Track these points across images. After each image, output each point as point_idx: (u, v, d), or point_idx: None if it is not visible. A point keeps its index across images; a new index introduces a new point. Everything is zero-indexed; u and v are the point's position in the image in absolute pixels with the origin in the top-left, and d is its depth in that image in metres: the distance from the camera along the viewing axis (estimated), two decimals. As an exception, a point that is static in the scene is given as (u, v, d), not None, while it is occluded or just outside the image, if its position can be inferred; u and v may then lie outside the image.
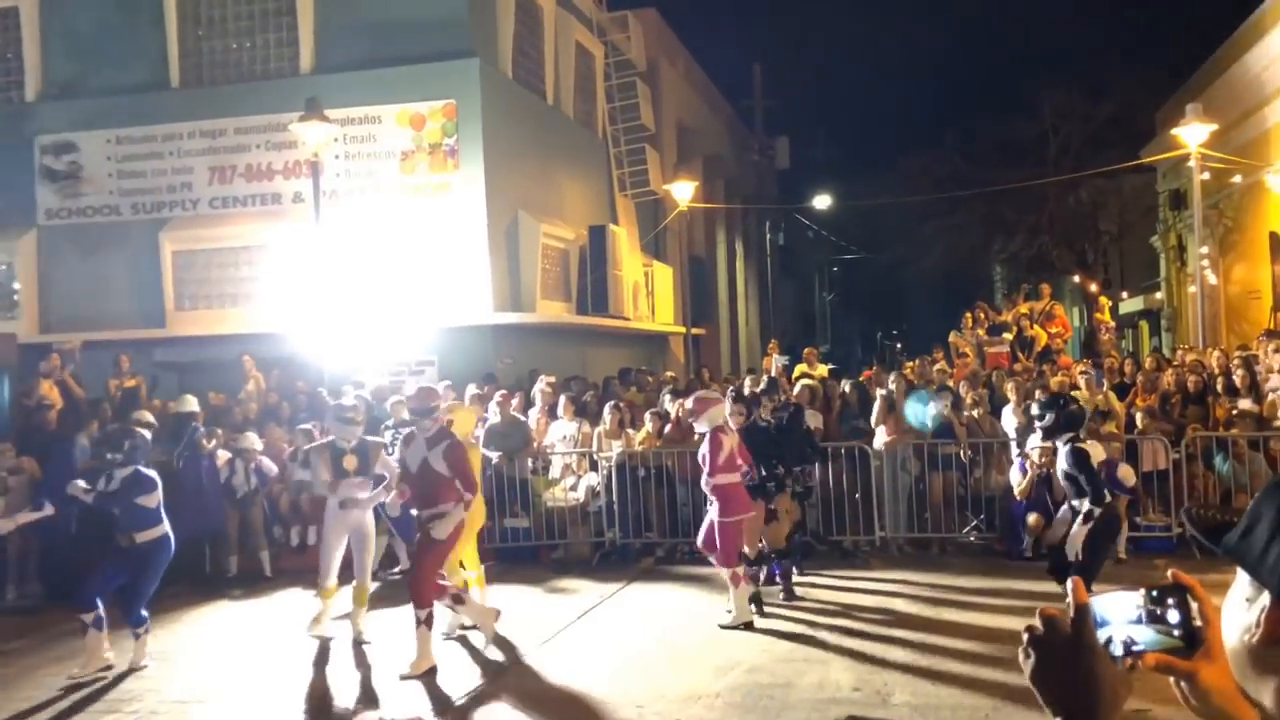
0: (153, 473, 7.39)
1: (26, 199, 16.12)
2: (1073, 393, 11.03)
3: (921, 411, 9.74)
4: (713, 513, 7.97)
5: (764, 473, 8.28)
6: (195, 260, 15.81)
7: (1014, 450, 10.28)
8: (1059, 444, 7.18)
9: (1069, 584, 1.32)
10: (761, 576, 8.54)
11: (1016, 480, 9.86)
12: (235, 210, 15.75)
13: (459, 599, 7.48)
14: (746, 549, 8.18)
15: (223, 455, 10.52)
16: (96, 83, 15.90)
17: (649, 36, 23.54)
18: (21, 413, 11.50)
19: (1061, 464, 7.19)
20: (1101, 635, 1.27)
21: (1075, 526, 7.13)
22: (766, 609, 8.21)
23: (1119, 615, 1.27)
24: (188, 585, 9.63)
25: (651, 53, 23.71)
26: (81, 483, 7.27)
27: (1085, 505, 7.02)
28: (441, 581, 7.35)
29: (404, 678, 6.86)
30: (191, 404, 10.88)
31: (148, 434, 7.97)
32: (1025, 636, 1.31)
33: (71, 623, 7.50)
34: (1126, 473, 9.52)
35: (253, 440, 10.59)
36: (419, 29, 15.06)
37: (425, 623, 7.08)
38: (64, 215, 16.24)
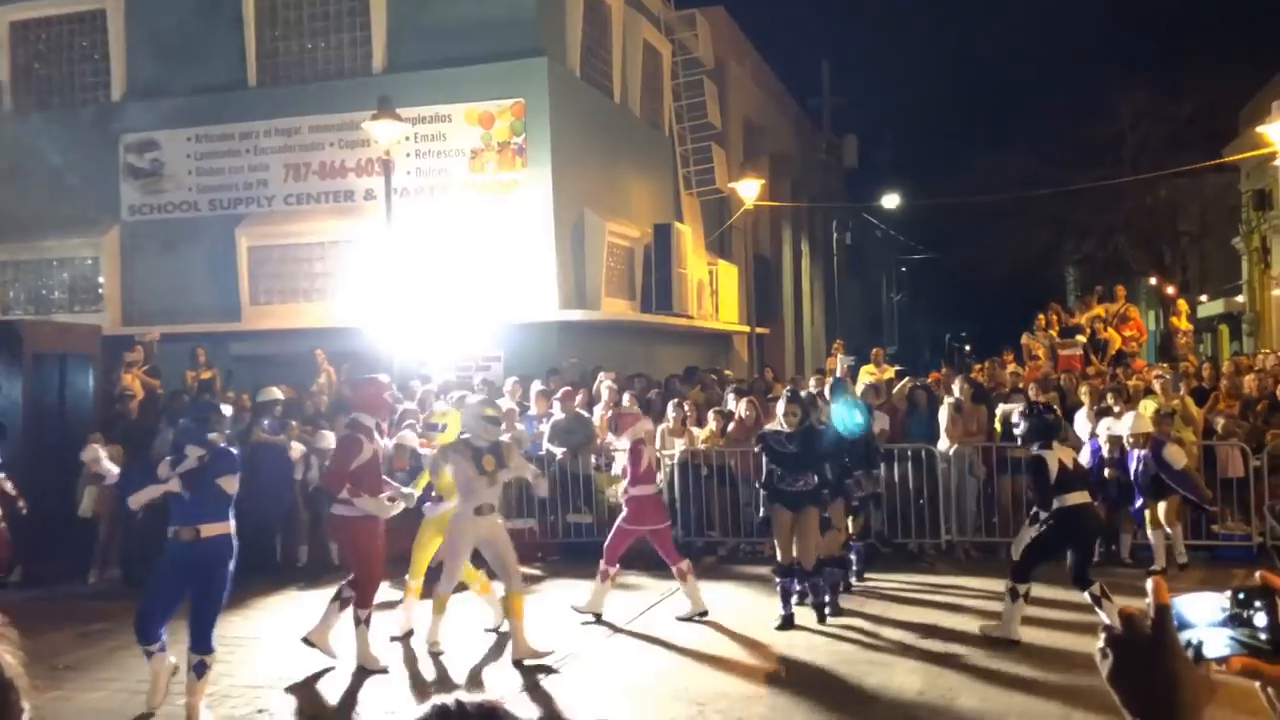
0: (235, 452, 6.80)
1: (111, 196, 16.66)
2: (1147, 397, 10.81)
3: (848, 416, 9.40)
4: (620, 519, 8.33)
5: (817, 479, 7.92)
6: (270, 256, 16.19)
7: (1085, 454, 10.05)
8: (1033, 450, 7.30)
9: (1150, 583, 1.29)
10: (820, 585, 8.08)
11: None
12: (309, 207, 16.09)
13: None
14: (802, 559, 7.82)
15: (297, 448, 10.74)
16: (178, 82, 16.35)
17: (717, 34, 23.50)
18: (105, 402, 11.89)
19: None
20: (1184, 637, 1.23)
21: (1024, 527, 7.46)
22: (838, 608, 8.14)
23: (1202, 617, 1.24)
24: (258, 574, 9.86)
25: (719, 51, 23.66)
26: (167, 461, 6.51)
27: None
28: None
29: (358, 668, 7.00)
30: (275, 393, 11.13)
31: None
32: (1103, 636, 1.28)
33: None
34: (1175, 454, 9.23)
35: (329, 439, 10.70)
36: (489, 29, 15.23)
37: (365, 622, 7.09)
38: (146, 211, 16.75)
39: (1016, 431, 7.54)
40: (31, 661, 1.30)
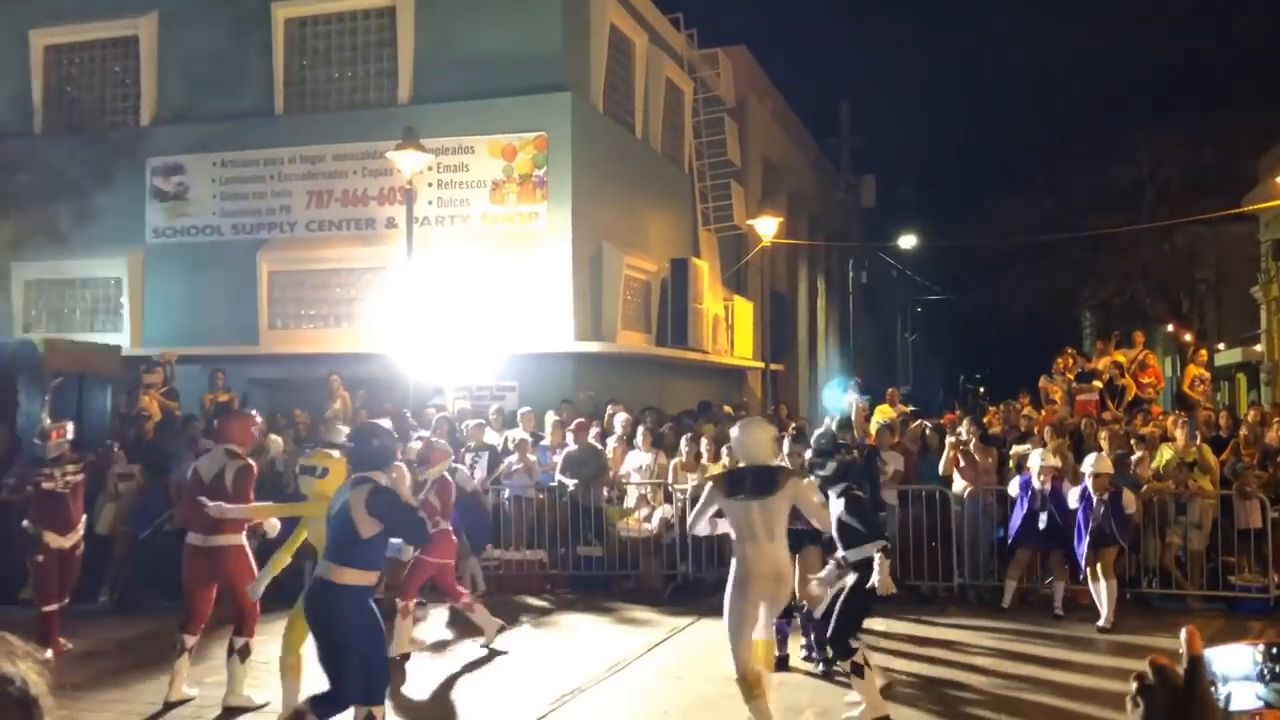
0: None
1: (136, 218, 16.86)
2: (1165, 444, 10.76)
3: (838, 398, 9.18)
4: (423, 551, 8.05)
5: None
6: (290, 281, 16.32)
7: (1014, 487, 9.99)
8: (832, 493, 6.75)
9: (1183, 634, 1.28)
10: (812, 631, 7.77)
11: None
12: (331, 234, 16.24)
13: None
14: (807, 601, 7.59)
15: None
16: (206, 108, 16.60)
17: (738, 73, 23.70)
18: (121, 422, 11.97)
19: (837, 512, 6.64)
20: (1216, 690, 1.23)
21: (814, 584, 6.88)
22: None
23: (1234, 670, 1.23)
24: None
25: (740, 89, 23.85)
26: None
27: (856, 554, 6.56)
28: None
29: (225, 707, 6.67)
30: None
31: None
32: (1134, 685, 1.27)
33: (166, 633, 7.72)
34: (1130, 500, 9.24)
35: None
36: (514, 63, 15.42)
37: (240, 652, 6.83)
38: (169, 234, 16.94)
39: (820, 473, 6.82)
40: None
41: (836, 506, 6.65)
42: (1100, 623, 8.95)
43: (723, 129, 21.69)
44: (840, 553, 6.67)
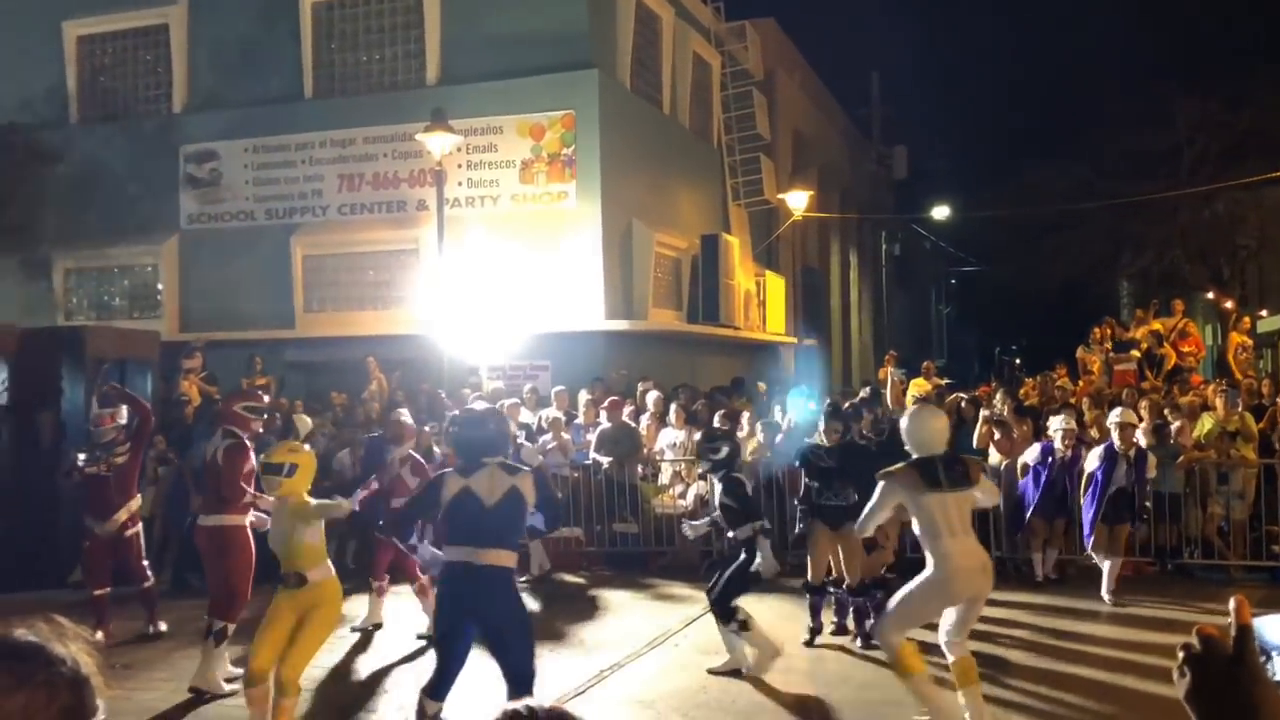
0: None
1: (171, 205, 17.06)
2: (1206, 413, 10.61)
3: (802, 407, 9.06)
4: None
5: (857, 495, 7.47)
6: (324, 264, 16.46)
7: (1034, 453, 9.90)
8: (715, 478, 7.06)
9: (1232, 602, 1.27)
10: (852, 608, 7.84)
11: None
12: (363, 216, 16.34)
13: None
14: (847, 577, 7.66)
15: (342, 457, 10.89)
16: (237, 94, 16.72)
17: (767, 46, 23.49)
18: (163, 407, 12.15)
19: (719, 494, 6.99)
20: (1265, 659, 1.22)
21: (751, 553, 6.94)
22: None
23: None
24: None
25: (769, 62, 23.65)
26: None
27: (741, 533, 6.88)
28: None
29: (191, 689, 6.61)
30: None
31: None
32: (1181, 655, 1.27)
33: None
34: (1152, 463, 9.18)
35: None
36: (540, 41, 15.39)
37: (220, 638, 6.74)
38: (204, 220, 17.12)
39: (714, 458, 6.96)
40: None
41: (718, 489, 6.98)
42: (1105, 595, 8.89)
43: (751, 102, 21.54)
44: (730, 533, 7.02)
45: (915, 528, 5.65)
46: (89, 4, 17.59)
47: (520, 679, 4.90)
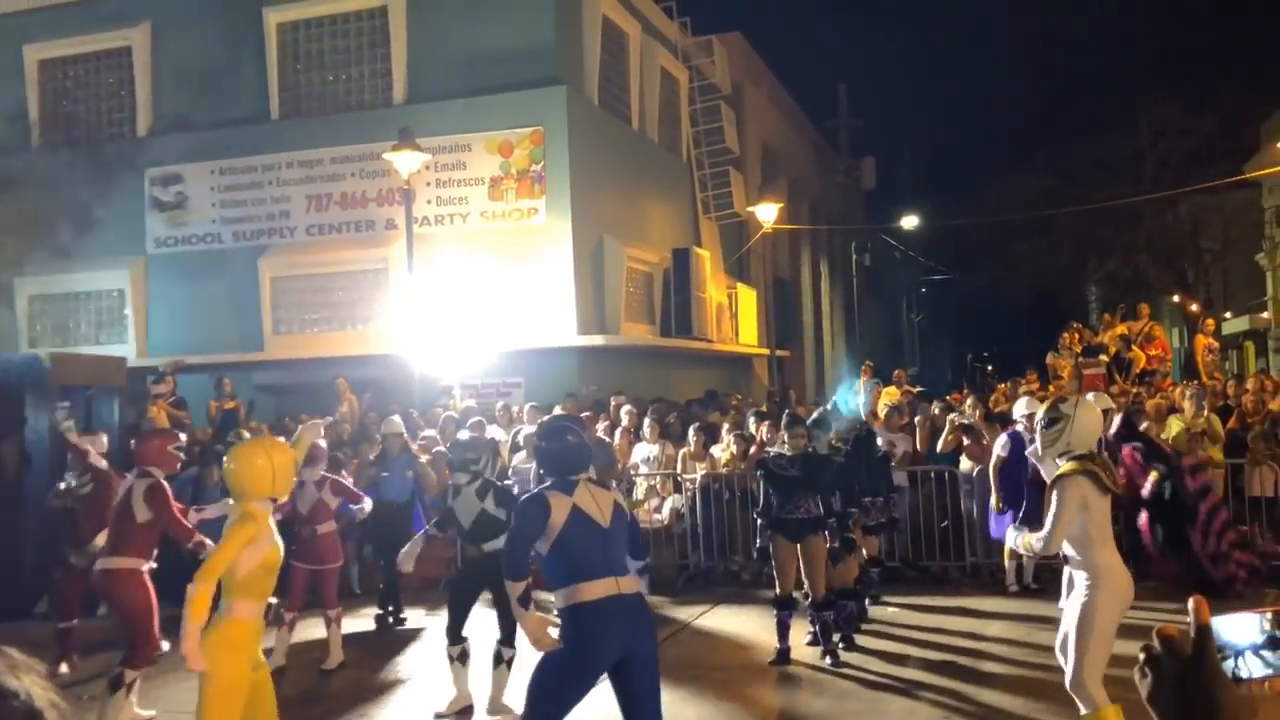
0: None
1: (137, 229, 16.90)
2: (1172, 415, 10.72)
3: (851, 399, 9.00)
4: (298, 557, 7.66)
5: (821, 507, 7.37)
6: (292, 286, 16.35)
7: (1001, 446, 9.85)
8: (474, 488, 6.65)
9: (1191, 603, 1.28)
10: (831, 620, 7.59)
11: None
12: (331, 237, 16.25)
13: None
14: (811, 591, 7.45)
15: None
16: (202, 117, 16.61)
17: (734, 60, 23.64)
18: (129, 433, 11.99)
19: (485, 506, 6.71)
20: (1225, 659, 1.23)
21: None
22: (856, 638, 8.01)
23: (1242, 638, 1.23)
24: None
25: (736, 76, 23.80)
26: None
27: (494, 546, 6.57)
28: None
29: None
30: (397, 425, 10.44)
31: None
32: (1142, 656, 1.28)
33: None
34: None
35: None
36: (507, 58, 15.40)
37: (129, 689, 6.27)
38: (170, 244, 16.97)
39: (474, 467, 6.57)
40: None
41: (488, 500, 6.53)
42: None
43: (720, 116, 21.65)
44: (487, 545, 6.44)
45: (1073, 531, 4.78)
46: (50, 27, 17.44)
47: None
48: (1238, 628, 1.24)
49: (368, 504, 8.23)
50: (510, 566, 4.42)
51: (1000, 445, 9.48)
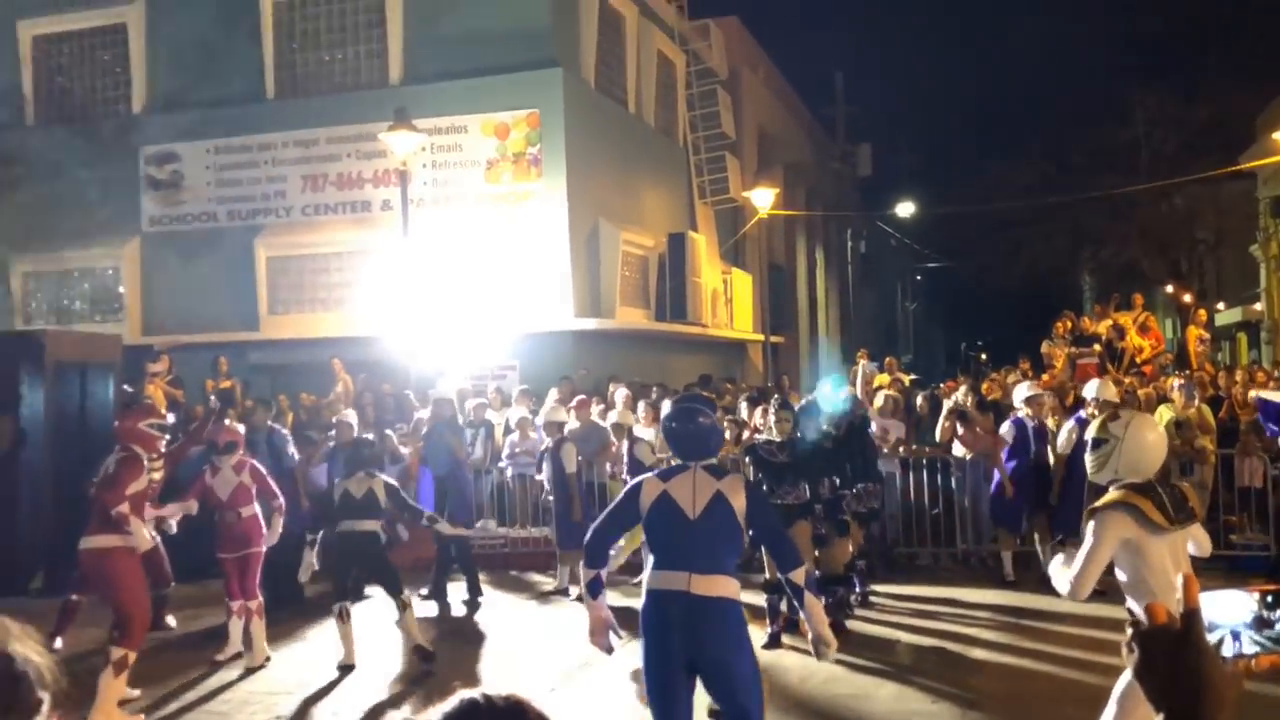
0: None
1: (132, 207, 16.85)
2: (1162, 406, 10.78)
3: (835, 400, 9.02)
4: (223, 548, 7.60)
5: (809, 492, 7.41)
6: (288, 266, 16.33)
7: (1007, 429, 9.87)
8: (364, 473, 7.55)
9: (1179, 580, 1.31)
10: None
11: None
12: (326, 217, 16.23)
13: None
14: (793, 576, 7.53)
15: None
16: (197, 95, 16.54)
17: (730, 44, 23.57)
18: (125, 412, 12.00)
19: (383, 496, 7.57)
20: (1212, 636, 1.26)
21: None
22: (846, 621, 8.04)
23: (1230, 617, 1.27)
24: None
25: (733, 60, 23.74)
26: None
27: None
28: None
29: None
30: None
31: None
32: (1129, 631, 1.31)
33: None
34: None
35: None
36: (504, 40, 15.35)
37: (120, 667, 6.12)
38: (165, 222, 16.93)
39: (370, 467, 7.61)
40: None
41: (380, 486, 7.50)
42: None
43: (716, 101, 21.61)
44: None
45: (1123, 577, 4.16)
46: (46, 4, 17.33)
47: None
48: (1228, 606, 1.28)
49: (278, 517, 7.83)
50: (587, 550, 4.32)
51: (1005, 431, 9.61)
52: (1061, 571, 4.22)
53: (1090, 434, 4.42)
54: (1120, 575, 4.15)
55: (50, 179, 16.05)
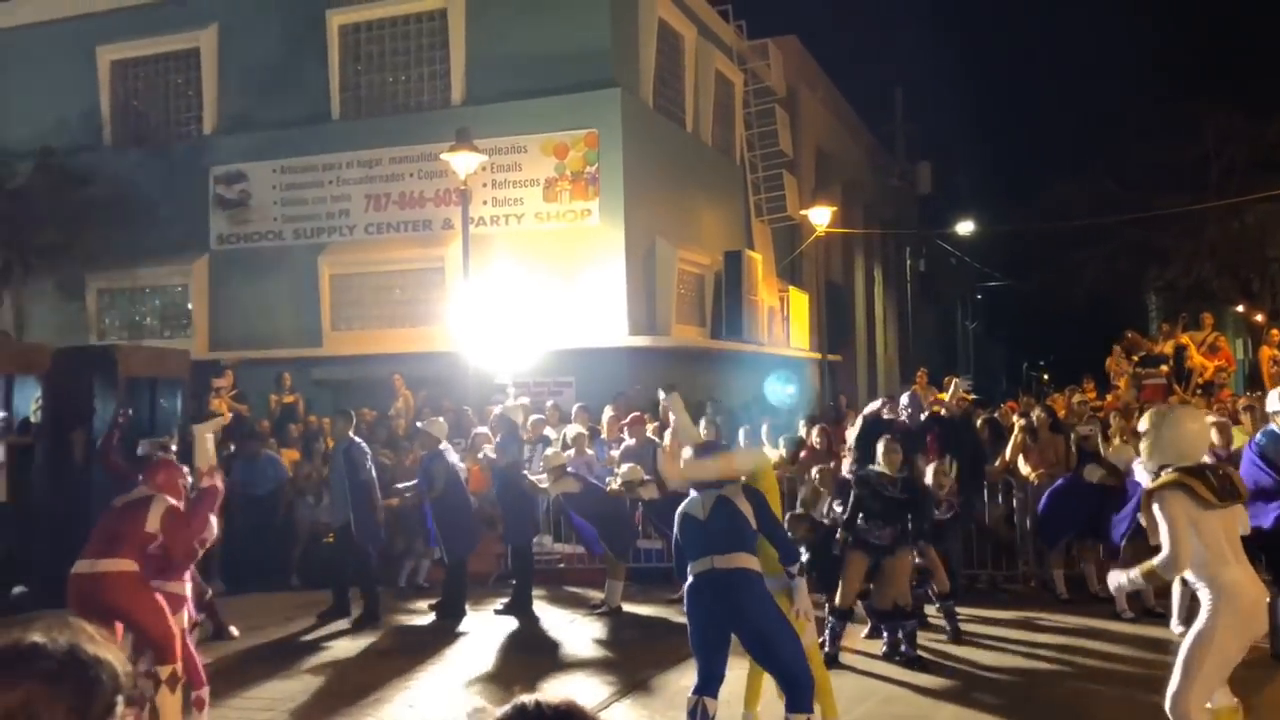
0: None
1: (201, 225, 17.32)
2: (1235, 427, 10.49)
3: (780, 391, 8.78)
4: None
5: (910, 530, 7.55)
6: (351, 283, 16.65)
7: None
8: None
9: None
10: (889, 631, 7.64)
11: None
12: (389, 236, 16.52)
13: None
14: (877, 600, 7.53)
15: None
16: (265, 116, 16.98)
17: (789, 63, 23.59)
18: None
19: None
20: None
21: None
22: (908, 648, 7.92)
23: None
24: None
25: (791, 79, 23.74)
26: None
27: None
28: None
29: None
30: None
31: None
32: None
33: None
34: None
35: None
36: (563, 61, 15.53)
37: (174, 683, 5.72)
38: (233, 240, 17.36)
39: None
40: None
41: None
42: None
43: (774, 119, 21.62)
44: None
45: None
46: (122, 29, 17.93)
47: (791, 680, 5.05)
48: None
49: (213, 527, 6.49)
50: (678, 571, 5.47)
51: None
52: (1127, 572, 4.76)
53: (1142, 425, 4.94)
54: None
55: (124, 198, 16.56)
